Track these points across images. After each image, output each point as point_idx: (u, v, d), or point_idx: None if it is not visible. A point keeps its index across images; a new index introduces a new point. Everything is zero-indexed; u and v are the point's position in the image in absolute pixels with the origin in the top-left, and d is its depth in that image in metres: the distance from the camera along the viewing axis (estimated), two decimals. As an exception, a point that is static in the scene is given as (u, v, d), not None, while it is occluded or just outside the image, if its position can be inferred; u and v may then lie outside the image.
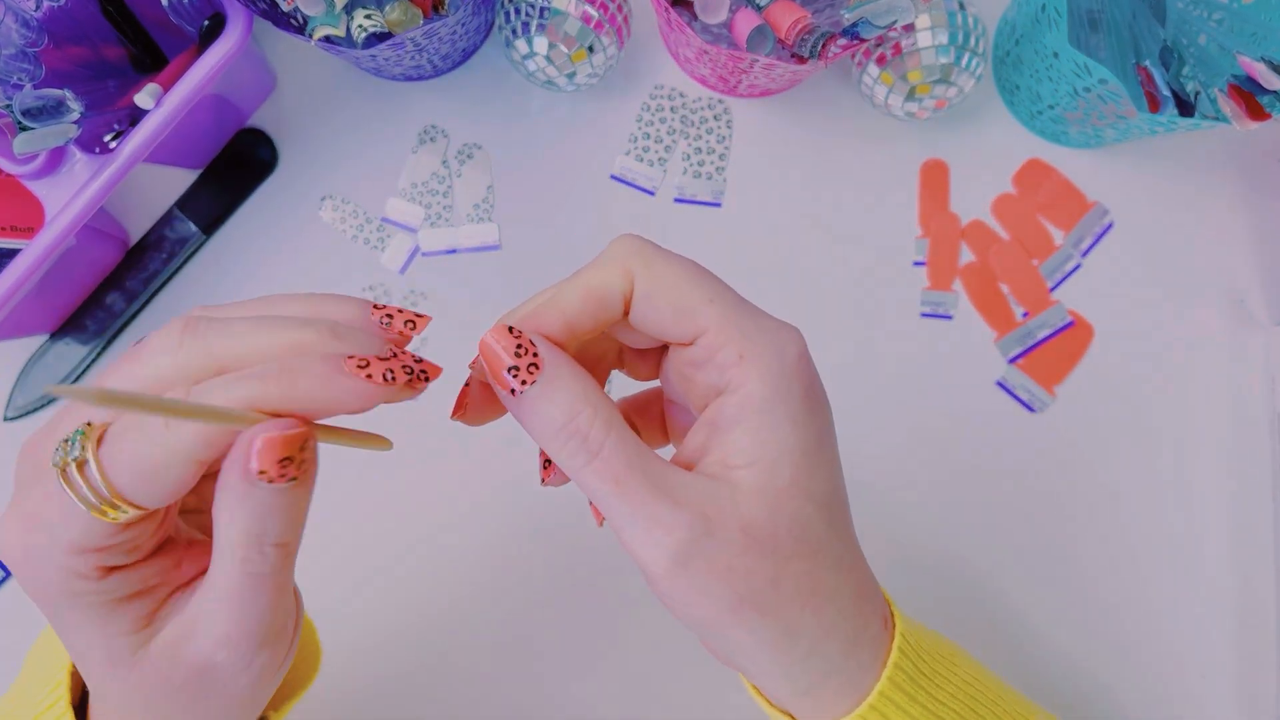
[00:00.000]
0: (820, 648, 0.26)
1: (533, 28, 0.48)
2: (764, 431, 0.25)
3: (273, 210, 0.54)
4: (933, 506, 0.51)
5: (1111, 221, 0.54)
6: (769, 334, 0.26)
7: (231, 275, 0.53)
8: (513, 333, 0.25)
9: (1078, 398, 0.53)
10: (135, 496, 0.22)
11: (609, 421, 0.25)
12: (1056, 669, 0.50)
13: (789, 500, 0.25)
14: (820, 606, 0.26)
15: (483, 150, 0.54)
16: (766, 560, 0.25)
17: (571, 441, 0.24)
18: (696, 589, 0.25)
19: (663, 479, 0.25)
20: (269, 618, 0.25)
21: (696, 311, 0.25)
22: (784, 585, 0.25)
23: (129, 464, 0.22)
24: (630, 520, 0.24)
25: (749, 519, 0.25)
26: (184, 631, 0.25)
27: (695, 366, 0.27)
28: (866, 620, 0.28)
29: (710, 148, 0.54)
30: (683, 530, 0.24)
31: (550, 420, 0.24)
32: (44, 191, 0.45)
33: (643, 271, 0.26)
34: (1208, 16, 0.51)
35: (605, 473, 0.24)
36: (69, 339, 0.52)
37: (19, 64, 0.41)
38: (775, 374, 0.25)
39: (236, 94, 0.52)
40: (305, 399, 0.22)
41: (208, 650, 0.24)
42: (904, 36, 0.48)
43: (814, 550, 0.26)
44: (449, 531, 0.50)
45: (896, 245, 0.54)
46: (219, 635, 0.24)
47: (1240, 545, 0.51)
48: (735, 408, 0.25)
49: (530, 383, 0.24)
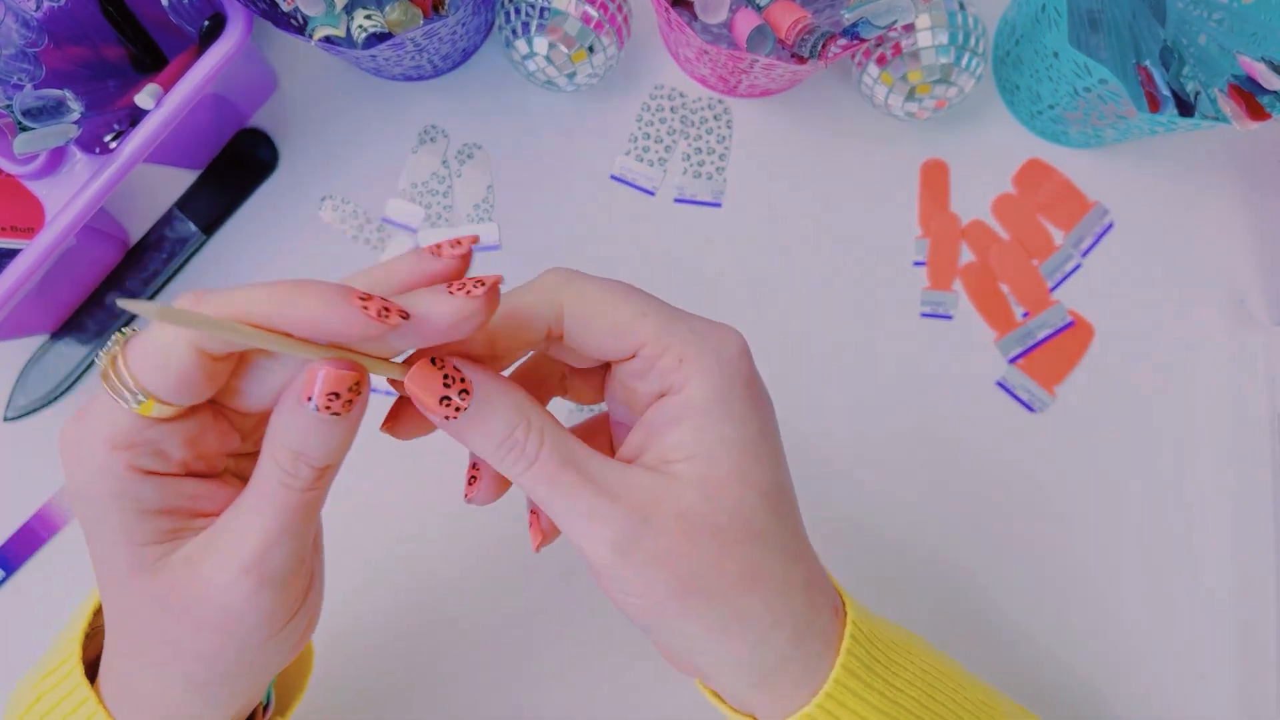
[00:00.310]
0: (770, 636, 0.27)
1: (533, 28, 0.48)
2: (704, 427, 0.26)
3: (273, 210, 0.54)
4: (932, 506, 0.51)
5: (1111, 221, 0.54)
6: (706, 335, 0.27)
7: (231, 275, 0.53)
8: (436, 364, 0.25)
9: (1078, 398, 0.53)
10: (154, 388, 0.23)
11: (542, 429, 0.26)
12: (1055, 668, 0.50)
13: (729, 488, 0.26)
14: (767, 592, 0.26)
15: (483, 150, 0.54)
16: (708, 545, 0.25)
17: (512, 453, 0.25)
18: (639, 578, 0.25)
19: (599, 475, 0.26)
20: (286, 546, 0.25)
21: (631, 326, 0.26)
22: (727, 569, 0.26)
23: (142, 355, 0.23)
24: (570, 516, 0.25)
25: (686, 507, 0.25)
26: (205, 546, 0.25)
27: (638, 378, 0.27)
28: (817, 609, 0.28)
29: (710, 148, 0.54)
30: (619, 520, 0.25)
31: (489, 438, 0.25)
32: (44, 191, 0.45)
33: (572, 296, 0.27)
34: (1208, 16, 0.51)
35: (541, 475, 0.25)
36: (69, 339, 0.52)
37: (19, 64, 0.41)
38: (715, 372, 0.26)
39: (236, 94, 0.52)
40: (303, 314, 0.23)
41: (218, 568, 0.25)
42: (904, 36, 0.48)
43: (756, 536, 0.26)
44: (439, 531, 0.50)
45: (896, 245, 0.54)
46: (235, 555, 0.25)
47: (1240, 545, 0.51)
48: (677, 407, 0.26)
49: (464, 408, 0.25)
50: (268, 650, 0.27)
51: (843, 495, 0.52)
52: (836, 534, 0.51)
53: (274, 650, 0.27)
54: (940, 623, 0.51)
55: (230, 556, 0.25)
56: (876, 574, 0.51)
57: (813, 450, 0.51)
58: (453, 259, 0.25)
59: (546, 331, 0.27)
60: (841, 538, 0.51)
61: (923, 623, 0.50)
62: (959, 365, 0.53)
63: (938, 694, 0.31)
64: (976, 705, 0.32)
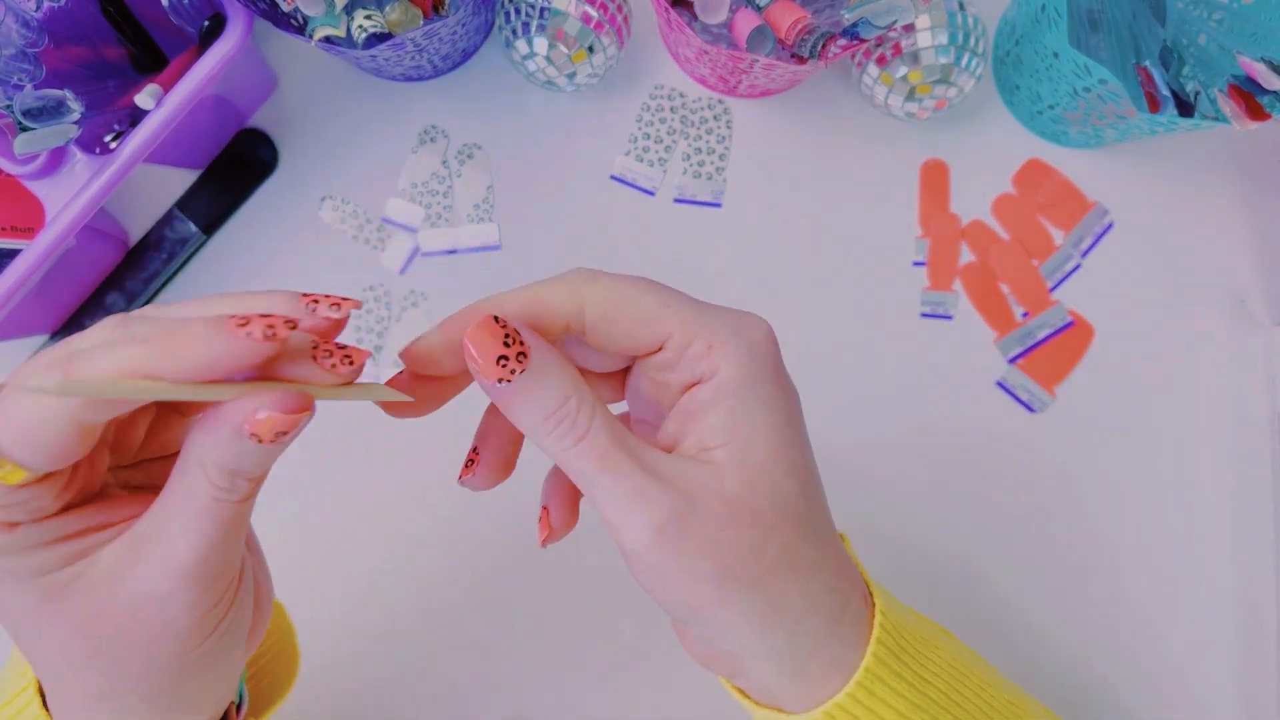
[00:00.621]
0: (806, 622, 0.27)
1: (533, 28, 0.48)
2: (739, 412, 0.26)
3: (273, 210, 0.54)
4: (932, 506, 0.51)
5: (1111, 221, 0.54)
6: (734, 322, 0.27)
7: (231, 276, 0.53)
8: (499, 322, 0.25)
9: (1078, 398, 0.53)
10: (22, 459, 0.22)
11: (594, 405, 0.25)
12: (1056, 668, 0.50)
13: (767, 473, 0.26)
14: (804, 579, 0.26)
15: (483, 150, 0.54)
16: (749, 531, 0.25)
17: (561, 426, 0.25)
18: (681, 565, 0.25)
19: (647, 458, 0.25)
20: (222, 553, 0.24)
21: (657, 317, 0.26)
22: (767, 556, 0.26)
23: (9, 426, 0.21)
24: (615, 496, 0.25)
25: (730, 493, 0.25)
26: (126, 559, 0.24)
27: (667, 369, 0.27)
28: (848, 595, 0.28)
29: (710, 148, 0.54)
30: (667, 504, 0.25)
31: (541, 407, 0.25)
32: (44, 192, 0.45)
33: (594, 294, 0.26)
34: (1208, 16, 0.51)
35: (591, 452, 0.25)
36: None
37: (19, 64, 0.41)
38: (746, 357, 0.26)
39: (237, 94, 0.52)
40: (186, 359, 0.21)
41: (154, 578, 0.24)
42: (904, 36, 0.48)
43: (794, 522, 0.26)
44: (433, 530, 0.50)
45: (896, 245, 0.54)
46: (171, 563, 0.24)
47: (1240, 545, 0.51)
48: (710, 392, 0.26)
49: (520, 371, 0.24)
50: (214, 653, 0.26)
51: (842, 495, 0.51)
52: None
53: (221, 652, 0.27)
54: (940, 621, 0.51)
55: (164, 566, 0.24)
56: (876, 573, 0.51)
57: (813, 450, 0.51)
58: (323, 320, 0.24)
59: (565, 325, 0.27)
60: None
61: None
62: (959, 365, 0.53)
63: (964, 687, 0.31)
64: (1003, 704, 0.32)
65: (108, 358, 0.21)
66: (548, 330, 0.27)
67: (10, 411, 0.21)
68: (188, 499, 0.24)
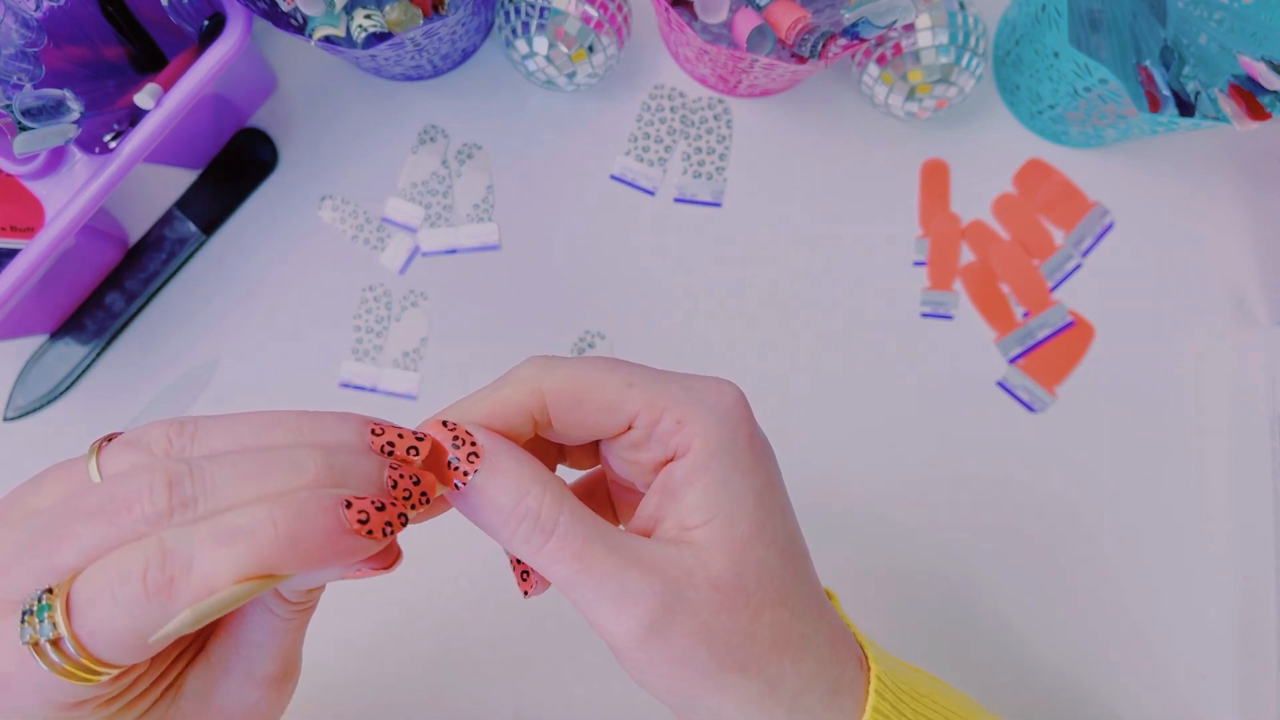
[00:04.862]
0: (802, 698, 0.26)
1: (533, 28, 0.48)
2: (716, 486, 0.25)
3: (273, 210, 0.54)
4: (932, 506, 0.51)
5: (1112, 221, 0.54)
6: (700, 392, 0.26)
7: (231, 275, 0.53)
8: (447, 425, 0.24)
9: (1078, 398, 0.53)
10: (118, 660, 0.20)
11: (559, 498, 0.24)
12: (1055, 668, 0.50)
13: (752, 550, 0.25)
14: (798, 656, 0.26)
15: (482, 150, 0.54)
16: (741, 615, 0.24)
17: (524, 524, 0.24)
18: (674, 657, 0.24)
19: (625, 548, 0.24)
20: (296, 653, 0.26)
21: (620, 399, 0.25)
22: (760, 638, 0.25)
23: (110, 638, 0.20)
24: (597, 595, 0.24)
25: (717, 576, 0.24)
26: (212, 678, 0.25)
27: (638, 448, 0.26)
28: (843, 664, 0.27)
29: (710, 148, 0.54)
30: (654, 597, 0.23)
31: (499, 506, 0.24)
32: (44, 191, 0.45)
33: (552, 385, 0.25)
34: (1208, 16, 0.51)
35: (564, 550, 0.24)
36: (69, 339, 0.52)
37: (19, 64, 0.41)
38: (716, 429, 0.25)
39: (236, 94, 0.52)
40: (306, 557, 0.20)
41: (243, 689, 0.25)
42: (904, 36, 0.48)
43: (783, 598, 0.25)
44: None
45: (896, 245, 0.54)
46: (257, 674, 0.25)
47: (1240, 545, 0.51)
48: (685, 469, 0.25)
49: (472, 472, 0.24)
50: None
51: (841, 495, 0.52)
52: (834, 534, 0.51)
53: None
54: (939, 622, 0.51)
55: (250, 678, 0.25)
56: (875, 573, 0.51)
57: (811, 451, 0.51)
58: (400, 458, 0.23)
59: (533, 424, 0.26)
60: (839, 538, 0.51)
61: (921, 622, 0.50)
62: (959, 365, 0.53)
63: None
64: None
65: (225, 563, 0.20)
66: (514, 431, 0.26)
67: (110, 624, 0.20)
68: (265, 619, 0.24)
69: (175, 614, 0.20)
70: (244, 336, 0.52)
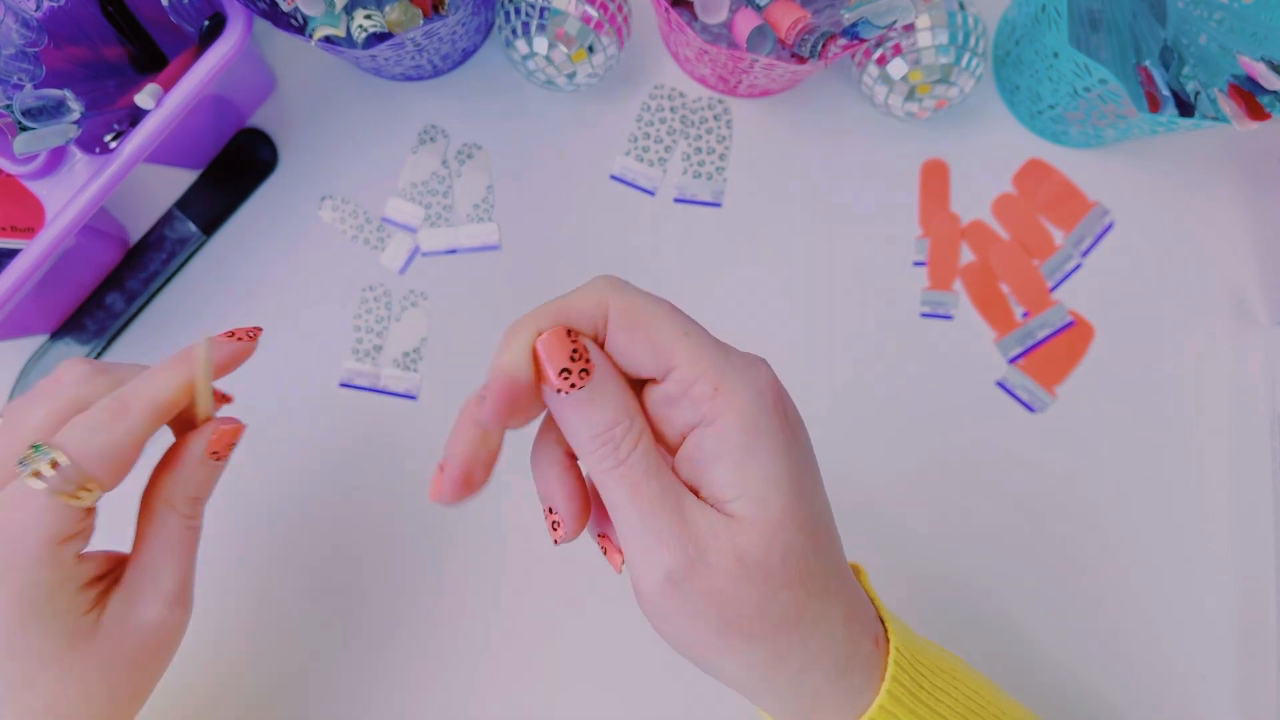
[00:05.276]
0: (808, 674, 0.27)
1: (533, 28, 0.48)
2: (749, 466, 0.26)
3: (273, 210, 0.54)
4: (932, 506, 0.51)
5: (1112, 221, 0.54)
6: (741, 368, 0.26)
7: (231, 275, 0.53)
8: (570, 335, 0.26)
9: (1078, 398, 0.53)
10: (101, 473, 0.28)
11: (640, 434, 0.26)
12: (1054, 668, 0.50)
13: (782, 531, 0.26)
14: (806, 632, 0.27)
15: (482, 150, 0.54)
16: (758, 589, 0.26)
17: (604, 447, 0.26)
18: (687, 610, 0.26)
19: (675, 497, 0.26)
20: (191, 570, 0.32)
21: (671, 343, 0.26)
22: (772, 613, 0.26)
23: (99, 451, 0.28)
24: (637, 530, 0.26)
25: (743, 549, 0.25)
26: (127, 599, 0.31)
27: (669, 404, 0.27)
28: (856, 644, 0.28)
29: (710, 148, 0.54)
30: (680, 550, 0.25)
31: (591, 424, 0.26)
32: (44, 191, 0.46)
33: (619, 302, 0.26)
34: (1208, 16, 0.51)
35: (626, 479, 0.26)
36: (69, 339, 0.52)
37: (19, 64, 0.41)
38: (752, 406, 0.26)
39: (236, 94, 0.52)
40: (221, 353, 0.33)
41: (152, 609, 0.30)
42: (904, 36, 0.48)
43: (802, 579, 0.26)
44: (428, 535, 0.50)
45: (896, 245, 0.54)
46: (162, 592, 0.31)
47: (1240, 546, 0.51)
48: (714, 441, 0.26)
49: (580, 386, 0.25)
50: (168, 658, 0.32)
51: (840, 494, 0.51)
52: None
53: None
54: (939, 623, 0.50)
55: (157, 595, 0.31)
56: (872, 573, 0.51)
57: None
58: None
59: (594, 331, 0.27)
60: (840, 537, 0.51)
61: (921, 621, 0.50)
62: (959, 365, 0.53)
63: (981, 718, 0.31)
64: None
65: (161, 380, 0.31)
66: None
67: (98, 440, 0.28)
68: (163, 534, 0.31)
69: (135, 425, 0.29)
70: (244, 336, 0.52)
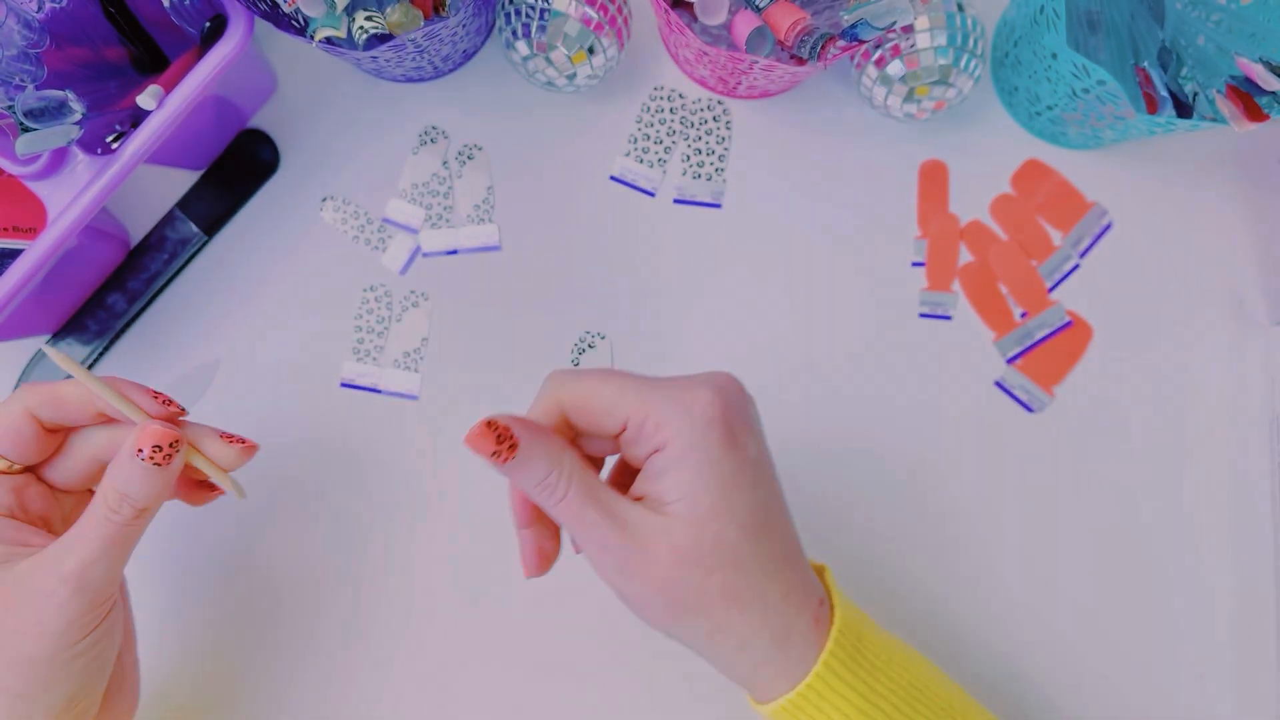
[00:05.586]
0: (751, 642, 0.33)
1: (533, 29, 0.48)
2: (684, 473, 0.32)
3: (274, 211, 0.54)
4: (931, 506, 0.51)
5: (1110, 222, 0.55)
6: (677, 398, 0.32)
7: (233, 276, 0.53)
8: (490, 425, 0.31)
9: (1077, 398, 0.53)
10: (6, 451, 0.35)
11: (570, 474, 0.32)
12: (1054, 668, 0.50)
13: (710, 524, 0.32)
14: (744, 608, 0.32)
15: (483, 151, 0.54)
16: (693, 573, 0.32)
17: (544, 491, 0.32)
18: (640, 595, 0.33)
19: (615, 509, 0.32)
20: (102, 566, 0.32)
21: (613, 406, 0.33)
22: (710, 592, 0.32)
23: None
24: (586, 542, 0.33)
25: (677, 541, 0.32)
26: (33, 564, 0.33)
27: (633, 444, 0.33)
28: (795, 618, 0.33)
29: (710, 149, 0.55)
30: (623, 550, 0.32)
31: (531, 479, 0.32)
32: (46, 192, 0.46)
33: (565, 396, 0.33)
34: (1206, 17, 0.51)
35: (568, 510, 0.32)
36: (70, 339, 0.52)
37: (21, 65, 0.41)
38: (687, 428, 0.32)
39: (238, 95, 0.52)
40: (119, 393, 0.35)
41: (43, 577, 0.32)
42: (903, 38, 0.49)
43: (736, 563, 0.32)
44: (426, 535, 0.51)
45: (895, 245, 0.54)
46: (61, 567, 0.32)
47: (1240, 545, 0.51)
48: (661, 460, 0.32)
49: (510, 459, 0.31)
50: (78, 658, 0.33)
51: (839, 494, 0.52)
52: (831, 532, 0.51)
53: (84, 660, 0.33)
54: (935, 620, 0.51)
55: (53, 568, 0.32)
56: (872, 573, 0.51)
57: (809, 450, 0.51)
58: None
59: (566, 424, 0.34)
60: (837, 536, 0.51)
61: (918, 621, 0.50)
62: (958, 365, 0.53)
63: (920, 704, 0.35)
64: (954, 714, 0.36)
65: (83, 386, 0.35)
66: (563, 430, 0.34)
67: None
68: (85, 519, 0.33)
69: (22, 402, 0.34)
70: (246, 337, 0.53)
